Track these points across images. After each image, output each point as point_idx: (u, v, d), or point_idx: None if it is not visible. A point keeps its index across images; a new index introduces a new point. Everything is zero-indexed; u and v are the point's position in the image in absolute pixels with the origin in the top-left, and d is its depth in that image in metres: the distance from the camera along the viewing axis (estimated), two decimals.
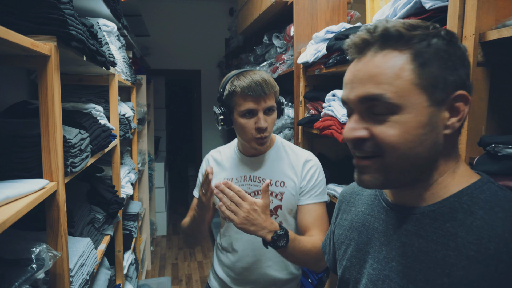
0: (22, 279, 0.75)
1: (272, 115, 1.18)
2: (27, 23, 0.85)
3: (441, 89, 0.54)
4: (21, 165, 0.89)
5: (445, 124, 0.55)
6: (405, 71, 0.54)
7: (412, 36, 0.54)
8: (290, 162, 1.24)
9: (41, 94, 0.86)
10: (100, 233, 1.53)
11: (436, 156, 0.57)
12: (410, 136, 0.55)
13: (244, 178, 1.24)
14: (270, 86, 1.14)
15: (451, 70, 0.54)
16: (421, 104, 0.54)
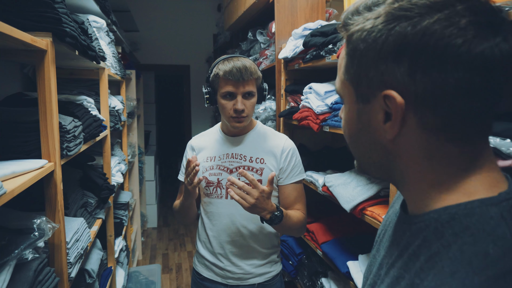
0: (26, 244, 0.86)
1: (251, 99, 1.29)
2: (25, 20, 0.96)
3: (365, 84, 0.47)
4: (21, 148, 1.00)
5: (382, 127, 0.47)
6: (343, 61, 0.51)
7: (348, 23, 0.48)
8: (269, 143, 1.37)
9: (39, 84, 0.97)
10: (93, 216, 1.64)
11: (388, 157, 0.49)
12: (348, 129, 0.54)
13: (226, 155, 1.36)
14: (250, 73, 1.25)
15: (372, 64, 0.45)
16: (351, 98, 0.50)
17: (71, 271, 1.14)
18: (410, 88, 0.43)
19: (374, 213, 1.32)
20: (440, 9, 0.41)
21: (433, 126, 0.44)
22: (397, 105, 0.44)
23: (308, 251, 2.06)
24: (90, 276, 1.48)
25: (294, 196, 1.35)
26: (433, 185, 0.47)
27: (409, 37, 0.42)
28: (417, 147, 0.46)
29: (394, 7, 0.43)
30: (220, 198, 1.36)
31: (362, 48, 0.45)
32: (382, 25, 0.43)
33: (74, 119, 1.23)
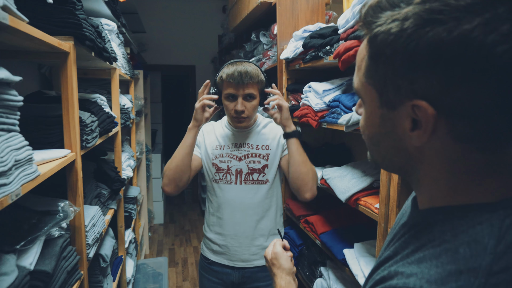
0: (53, 223, 0.98)
1: (251, 101, 1.40)
2: (50, 26, 1.07)
3: (391, 91, 0.44)
4: (46, 139, 1.12)
5: (409, 134, 0.45)
6: (363, 61, 0.47)
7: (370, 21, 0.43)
8: (271, 131, 1.53)
9: (62, 83, 1.09)
10: (105, 206, 1.75)
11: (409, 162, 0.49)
12: (368, 131, 0.51)
13: (234, 145, 1.50)
14: (250, 77, 1.36)
15: (401, 72, 0.42)
16: (374, 102, 0.47)
17: (89, 251, 1.26)
18: (443, 99, 0.40)
19: (367, 202, 1.42)
20: (480, 12, 0.36)
21: (464, 136, 0.42)
22: (428, 116, 0.41)
23: (308, 242, 2.17)
24: (104, 260, 1.60)
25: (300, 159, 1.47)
26: (445, 189, 0.46)
27: (444, 45, 0.37)
28: (442, 155, 0.44)
29: (425, 8, 0.38)
30: (230, 184, 1.49)
31: (388, 53, 0.41)
32: (412, 30, 0.39)
33: (91, 114, 1.35)
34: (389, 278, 0.45)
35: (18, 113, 0.77)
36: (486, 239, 0.40)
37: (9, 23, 0.65)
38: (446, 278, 0.39)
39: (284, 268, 0.92)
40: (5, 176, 0.66)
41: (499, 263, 0.39)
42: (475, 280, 0.38)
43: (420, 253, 0.44)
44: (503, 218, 0.41)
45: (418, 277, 0.41)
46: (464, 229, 0.42)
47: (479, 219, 0.42)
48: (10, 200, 0.66)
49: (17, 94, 0.75)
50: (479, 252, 0.39)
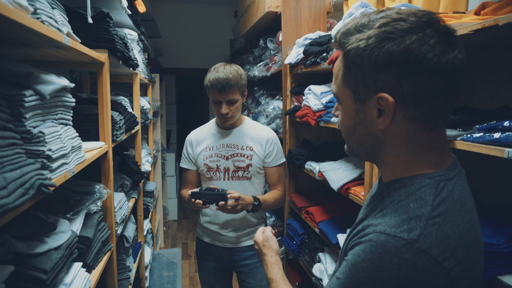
0: (91, 200, 1.22)
1: (234, 104, 1.57)
2: (90, 41, 1.32)
3: (362, 89, 0.61)
4: (84, 134, 1.36)
5: (373, 121, 0.62)
6: (340, 71, 0.65)
7: (343, 42, 0.62)
8: (256, 134, 1.68)
9: (99, 87, 1.33)
10: (128, 195, 2.00)
11: (377, 144, 0.64)
12: (345, 123, 0.68)
13: (222, 145, 1.66)
14: (230, 85, 1.50)
15: (368, 74, 0.59)
16: (349, 100, 0.64)
17: (117, 229, 1.50)
18: (398, 90, 0.57)
19: (356, 191, 1.62)
20: (415, 32, 0.56)
21: (414, 117, 0.59)
22: (389, 104, 0.58)
23: (309, 231, 2.37)
24: (128, 241, 1.84)
25: (277, 176, 1.72)
26: (402, 163, 0.63)
27: (395, 53, 0.56)
28: (400, 134, 0.61)
29: (381, 30, 0.57)
30: (219, 180, 1.67)
31: (359, 62, 0.59)
32: (374, 45, 0.57)
33: (119, 114, 1.59)
34: (363, 230, 0.62)
35: (71, 112, 1.01)
36: (427, 196, 0.59)
37: (70, 44, 0.89)
38: (401, 223, 0.57)
39: (273, 249, 1.09)
40: (66, 157, 0.90)
41: (435, 211, 0.57)
42: (420, 222, 0.56)
43: (384, 211, 0.62)
44: (438, 182, 0.60)
45: (383, 225, 0.58)
46: (413, 191, 0.60)
47: (423, 183, 0.60)
48: (70, 175, 0.90)
49: (71, 96, 0.99)
50: (422, 204, 0.58)
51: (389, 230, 0.57)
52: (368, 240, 0.58)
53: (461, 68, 0.58)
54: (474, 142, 0.96)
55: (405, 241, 0.55)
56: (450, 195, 0.60)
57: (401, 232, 0.56)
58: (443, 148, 0.64)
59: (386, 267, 0.55)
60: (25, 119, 0.75)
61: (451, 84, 0.58)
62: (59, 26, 0.84)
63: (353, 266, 0.59)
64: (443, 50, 0.55)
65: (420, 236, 0.55)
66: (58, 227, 0.94)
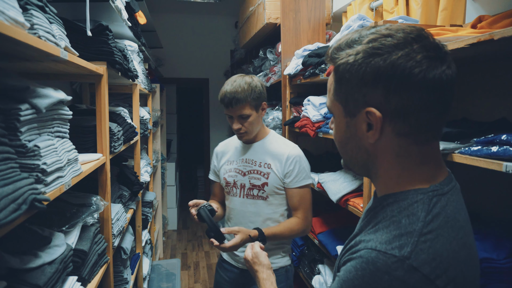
0: (88, 213, 1.21)
1: (247, 119, 1.46)
2: (89, 53, 1.33)
3: (351, 103, 0.61)
4: (82, 145, 1.36)
5: (366, 135, 0.61)
6: (331, 85, 0.65)
7: (335, 57, 0.62)
8: (276, 150, 1.53)
9: (97, 99, 1.34)
10: (126, 206, 1.99)
11: (369, 158, 0.64)
12: (337, 137, 0.68)
13: (241, 160, 1.57)
14: (236, 101, 1.40)
15: (356, 89, 0.59)
16: (340, 114, 0.65)
17: (114, 241, 1.49)
18: (385, 105, 0.58)
19: (355, 203, 1.61)
20: (402, 47, 0.56)
21: (403, 132, 0.59)
22: (376, 118, 0.58)
23: (308, 243, 2.35)
24: (125, 252, 1.82)
25: (297, 200, 1.51)
26: (394, 177, 0.63)
27: (382, 69, 0.56)
28: (390, 148, 0.61)
29: (369, 46, 0.57)
30: (235, 196, 1.57)
31: (347, 77, 0.60)
32: (361, 60, 0.58)
33: (117, 125, 1.60)
34: (355, 245, 0.62)
35: (68, 124, 1.01)
36: (419, 212, 0.58)
37: (68, 58, 0.89)
38: (393, 239, 0.56)
39: (264, 264, 1.08)
40: (61, 170, 0.89)
41: (427, 227, 0.57)
42: (411, 239, 0.55)
43: (376, 226, 0.61)
44: (431, 198, 0.59)
45: (374, 241, 0.58)
46: (405, 207, 0.60)
47: (415, 199, 0.60)
48: (65, 188, 0.90)
49: (68, 109, 0.99)
50: (414, 221, 0.57)
51: (380, 247, 0.56)
52: (359, 256, 0.58)
53: (450, 83, 0.58)
54: (472, 156, 0.95)
55: (396, 258, 0.54)
56: (443, 211, 0.59)
57: (392, 248, 0.55)
58: (436, 163, 0.63)
59: (377, 284, 0.54)
60: (21, 133, 0.75)
61: (440, 99, 0.58)
62: (56, 41, 0.85)
63: (344, 283, 0.58)
64: (430, 66, 0.56)
65: (412, 253, 0.54)
66: (53, 241, 0.94)
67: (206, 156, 5.87)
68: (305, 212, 1.52)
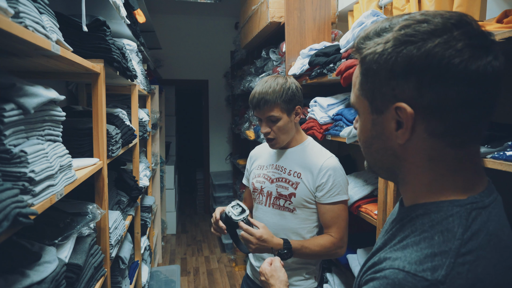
0: (83, 223, 1.12)
1: (276, 123, 1.34)
2: (85, 50, 1.23)
3: (379, 98, 0.55)
4: (77, 149, 1.27)
5: (395, 134, 0.54)
6: (357, 79, 0.59)
7: (361, 47, 0.56)
8: (310, 159, 1.38)
9: (94, 99, 1.24)
10: (124, 212, 1.89)
11: (396, 161, 0.57)
12: (362, 136, 0.61)
13: (271, 166, 1.46)
14: (264, 102, 1.31)
15: (384, 82, 0.53)
16: (366, 110, 0.58)
17: (112, 251, 1.39)
18: (418, 100, 0.50)
19: (368, 209, 1.52)
20: (440, 34, 0.48)
21: (438, 132, 0.51)
22: (407, 115, 0.51)
23: None
24: (123, 262, 1.72)
25: (330, 217, 1.35)
26: (425, 185, 0.55)
27: (415, 58, 0.49)
28: (421, 151, 0.54)
29: (401, 33, 0.50)
30: (261, 204, 1.46)
31: (375, 68, 0.53)
32: (391, 49, 0.51)
33: (115, 127, 1.50)
34: (379, 263, 0.54)
35: (61, 126, 0.92)
36: (456, 228, 0.50)
37: (60, 53, 0.80)
38: (424, 259, 0.48)
39: (282, 280, 1.01)
40: (53, 178, 0.80)
41: (466, 246, 0.48)
42: (446, 260, 0.48)
43: (404, 242, 0.53)
44: (470, 211, 0.51)
45: (402, 260, 0.50)
46: (439, 221, 0.52)
47: (450, 212, 0.52)
48: (57, 198, 0.80)
49: (61, 110, 0.90)
50: (450, 238, 0.49)
51: (408, 267, 0.48)
52: (383, 276, 0.50)
53: (497, 76, 0.49)
54: (507, 161, 0.86)
55: (428, 281, 0.46)
56: (484, 227, 0.51)
57: (423, 270, 0.47)
58: (475, 170, 0.55)
59: None
60: (4, 137, 0.66)
61: (484, 95, 0.49)
62: (47, 33, 0.76)
63: None
64: (473, 55, 0.48)
65: (447, 277, 0.46)
66: (43, 257, 0.84)
67: (206, 159, 5.78)
68: (340, 231, 1.35)
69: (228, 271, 4.06)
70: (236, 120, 5.02)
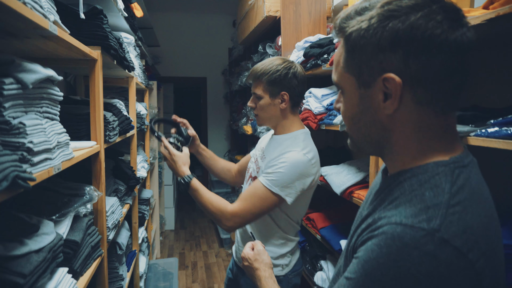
0: (80, 203, 1.15)
1: (258, 101, 1.36)
2: (82, 37, 1.27)
3: (366, 73, 0.57)
4: (75, 134, 1.30)
5: (383, 105, 0.57)
6: (341, 57, 0.61)
7: (344, 26, 0.59)
8: (278, 148, 1.34)
9: (91, 85, 1.28)
10: (122, 201, 1.93)
11: (384, 133, 0.60)
12: (349, 113, 0.63)
13: (261, 149, 1.48)
14: (252, 76, 1.34)
15: (371, 56, 0.56)
16: (352, 87, 0.60)
17: (109, 234, 1.42)
18: (405, 71, 0.54)
19: (360, 195, 1.56)
20: (421, 8, 0.53)
21: (424, 101, 0.55)
22: (396, 84, 0.55)
23: (310, 239, 2.29)
24: (120, 248, 1.76)
25: (247, 191, 1.30)
26: (413, 152, 0.59)
27: (400, 31, 0.53)
28: (409, 120, 0.57)
29: (384, 9, 0.54)
30: (244, 181, 1.54)
31: (362, 43, 0.56)
32: (377, 24, 0.54)
33: (112, 114, 1.53)
34: (374, 223, 0.57)
35: (59, 106, 0.95)
36: (443, 184, 0.55)
37: (58, 34, 0.83)
38: (419, 212, 0.53)
39: (266, 263, 1.03)
40: (50, 152, 0.83)
41: (454, 199, 0.53)
42: (439, 211, 0.52)
43: (395, 202, 0.57)
44: (453, 169, 0.56)
45: (398, 216, 0.54)
46: (426, 180, 0.56)
47: (436, 171, 0.56)
48: (54, 172, 0.83)
49: (59, 90, 0.93)
50: (440, 192, 0.54)
51: (405, 221, 0.52)
52: (382, 233, 0.53)
53: (470, 47, 0.54)
54: (489, 137, 0.90)
55: (425, 231, 0.50)
56: (468, 183, 0.55)
57: (420, 222, 0.51)
58: (454, 135, 0.60)
59: (405, 261, 0.49)
60: (4, 109, 0.69)
61: (461, 64, 0.54)
62: (44, 12, 0.79)
63: (366, 263, 0.53)
64: (451, 27, 0.53)
65: (441, 226, 0.50)
66: (41, 229, 0.87)
67: None
68: (242, 208, 1.26)
69: (226, 265, 4.09)
70: (234, 116, 5.06)
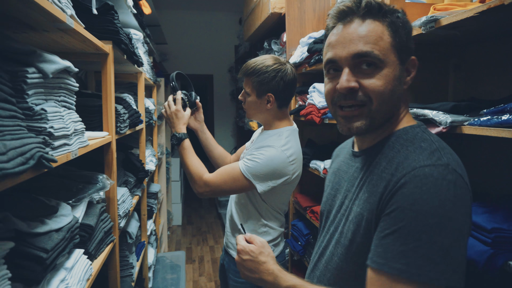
0: (94, 189, 1.21)
1: (247, 97, 1.38)
2: (94, 32, 1.32)
3: (404, 51, 0.72)
4: (89, 124, 1.36)
5: (404, 80, 0.73)
6: (384, 35, 0.70)
7: (387, 10, 0.72)
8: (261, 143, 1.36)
9: (103, 78, 1.34)
10: (131, 193, 1.99)
11: (399, 105, 0.75)
12: (390, 86, 0.70)
13: (252, 141, 1.53)
14: (242, 71, 1.35)
15: (408, 38, 0.72)
16: (395, 61, 0.71)
17: (120, 221, 1.49)
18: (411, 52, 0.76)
19: None
20: None
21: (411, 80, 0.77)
22: (415, 64, 0.76)
23: (314, 232, 2.34)
24: (131, 237, 1.82)
25: (226, 167, 1.34)
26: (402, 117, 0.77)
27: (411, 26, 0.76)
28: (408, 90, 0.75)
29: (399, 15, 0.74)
30: None
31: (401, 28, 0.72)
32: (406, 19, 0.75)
33: (123, 107, 1.60)
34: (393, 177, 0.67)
35: (75, 97, 1.01)
36: (427, 137, 0.72)
37: (74, 27, 0.89)
38: (429, 156, 0.66)
39: (272, 256, 0.88)
40: (68, 138, 0.89)
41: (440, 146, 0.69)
42: (440, 153, 0.67)
43: (401, 155, 0.70)
44: (424, 129, 0.75)
45: (417, 161, 0.66)
46: (413, 137, 0.72)
47: (415, 131, 0.73)
48: (72, 157, 0.89)
49: (75, 81, 0.99)
50: (430, 143, 0.70)
51: (427, 162, 0.65)
52: (414, 176, 0.64)
53: None
54: (481, 126, 0.94)
55: (443, 166, 0.64)
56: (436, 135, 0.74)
57: (436, 160, 0.65)
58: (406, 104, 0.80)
59: (439, 191, 0.62)
60: (27, 96, 0.75)
61: None
62: (62, 7, 0.85)
63: (412, 206, 0.62)
64: None
65: (448, 161, 0.65)
66: (59, 211, 0.93)
67: None
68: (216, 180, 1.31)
69: None
70: (240, 113, 5.11)
